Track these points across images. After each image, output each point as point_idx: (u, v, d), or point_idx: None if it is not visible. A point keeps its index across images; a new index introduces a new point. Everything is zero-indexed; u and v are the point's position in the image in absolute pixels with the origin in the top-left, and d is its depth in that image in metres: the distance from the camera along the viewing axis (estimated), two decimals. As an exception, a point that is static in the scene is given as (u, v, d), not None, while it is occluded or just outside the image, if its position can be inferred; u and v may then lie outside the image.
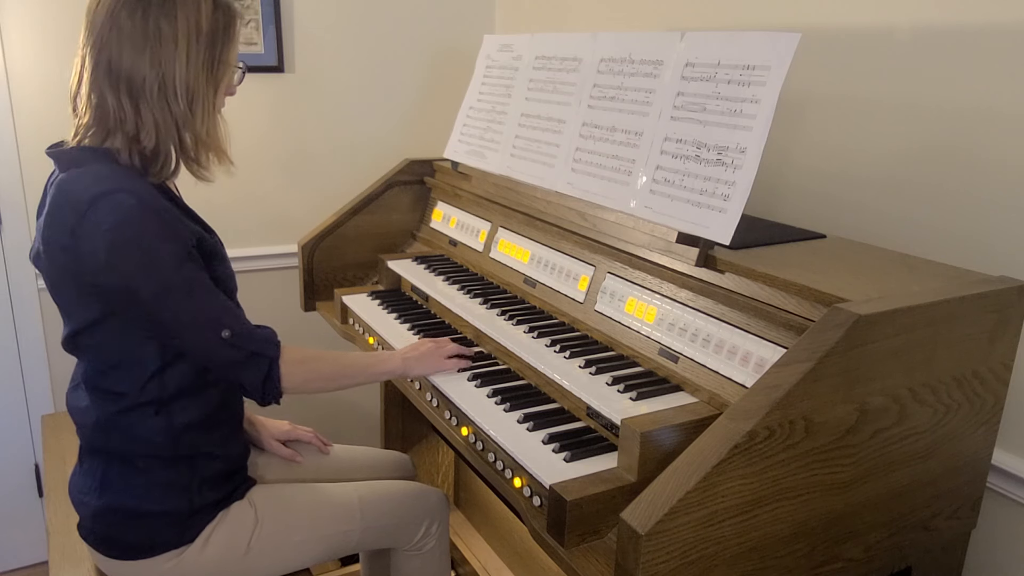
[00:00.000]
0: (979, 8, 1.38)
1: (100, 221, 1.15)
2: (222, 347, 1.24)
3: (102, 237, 1.15)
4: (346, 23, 2.50)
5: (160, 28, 1.20)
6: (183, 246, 1.21)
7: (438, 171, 2.12)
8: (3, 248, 2.23)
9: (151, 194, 1.21)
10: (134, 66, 1.20)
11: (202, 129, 1.27)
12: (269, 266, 2.55)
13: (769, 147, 1.24)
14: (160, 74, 1.21)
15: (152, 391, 1.28)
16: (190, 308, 1.21)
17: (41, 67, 2.17)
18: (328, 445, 1.68)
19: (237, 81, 1.35)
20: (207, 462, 1.35)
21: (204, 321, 1.22)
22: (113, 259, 1.16)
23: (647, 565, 0.91)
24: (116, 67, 1.21)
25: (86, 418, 1.32)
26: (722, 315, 1.27)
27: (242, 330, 1.26)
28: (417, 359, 1.45)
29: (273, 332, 1.32)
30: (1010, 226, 1.37)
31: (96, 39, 1.21)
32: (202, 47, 1.24)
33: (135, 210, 1.16)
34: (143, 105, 1.22)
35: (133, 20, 1.19)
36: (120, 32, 1.20)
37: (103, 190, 1.16)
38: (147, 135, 1.23)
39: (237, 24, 1.29)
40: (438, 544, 1.63)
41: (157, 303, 1.19)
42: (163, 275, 1.18)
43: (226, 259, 1.36)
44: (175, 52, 1.21)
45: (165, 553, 1.32)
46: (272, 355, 1.28)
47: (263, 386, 1.28)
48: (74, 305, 1.26)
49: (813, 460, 1.02)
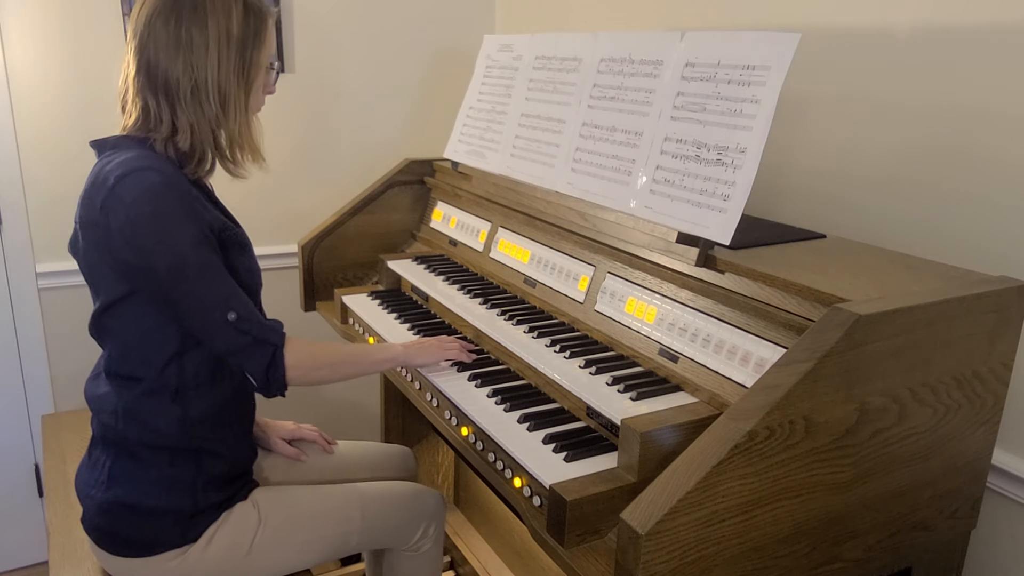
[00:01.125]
0: (979, 8, 1.38)
1: (125, 195, 1.20)
2: (228, 330, 1.26)
3: (125, 210, 1.19)
4: (346, 23, 2.50)
5: (192, 35, 1.26)
6: (201, 229, 1.24)
7: (438, 171, 2.12)
8: (3, 248, 2.23)
9: (178, 176, 1.26)
10: (169, 71, 1.26)
11: (235, 128, 1.33)
12: (269, 266, 2.54)
13: (769, 147, 1.24)
14: (193, 78, 1.27)
15: (170, 376, 1.31)
16: (200, 288, 1.24)
17: (41, 67, 2.17)
18: (332, 443, 1.69)
19: (273, 80, 1.40)
20: (213, 460, 1.36)
21: (212, 302, 1.25)
22: (134, 232, 1.20)
23: (647, 565, 0.91)
24: (153, 71, 1.27)
25: (104, 405, 1.34)
26: (722, 315, 1.27)
27: (249, 315, 1.28)
28: (419, 348, 1.49)
29: (280, 323, 1.35)
30: (1010, 226, 1.37)
31: (137, 44, 1.27)
32: (233, 52, 1.29)
33: (158, 187, 1.21)
34: (179, 108, 1.28)
35: (167, 28, 1.25)
36: (156, 39, 1.26)
37: (132, 167, 1.22)
38: (183, 136, 1.29)
39: (268, 27, 1.34)
40: (434, 546, 1.65)
41: (170, 280, 1.22)
42: (178, 252, 1.21)
43: (251, 252, 1.39)
44: (206, 57, 1.27)
45: (167, 552, 1.33)
46: (276, 343, 1.31)
47: (267, 373, 1.30)
48: (104, 281, 1.29)
49: (813, 460, 1.02)
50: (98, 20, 2.18)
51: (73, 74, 2.19)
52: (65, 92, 2.20)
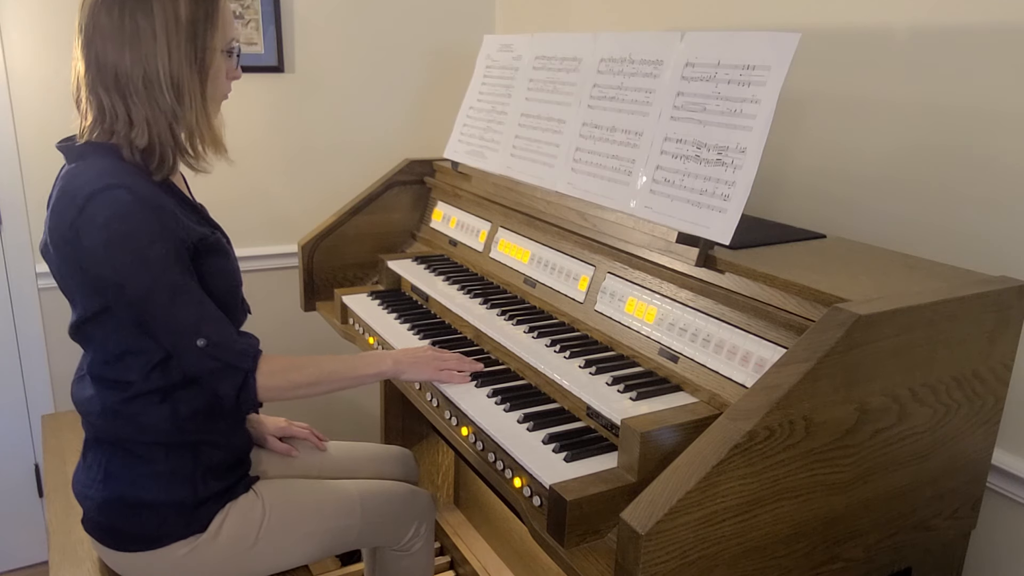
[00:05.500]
0: (979, 8, 1.38)
1: (96, 215, 1.16)
2: (197, 355, 1.23)
3: (98, 231, 1.17)
4: (346, 23, 2.50)
5: (138, 23, 1.20)
6: (175, 247, 1.21)
7: (438, 171, 2.12)
8: (3, 248, 2.23)
9: (150, 191, 1.22)
10: (118, 64, 1.21)
11: (192, 119, 1.27)
12: (269, 266, 2.56)
13: (769, 147, 1.24)
14: (144, 69, 1.21)
15: (157, 379, 1.29)
16: (170, 312, 1.21)
17: (41, 67, 2.17)
18: (324, 441, 1.69)
19: (235, 65, 1.33)
20: (210, 451, 1.36)
21: (181, 327, 1.22)
22: (107, 253, 1.17)
23: (647, 565, 0.91)
24: (103, 66, 1.22)
25: (91, 407, 1.33)
26: (722, 315, 1.27)
27: (220, 340, 1.25)
28: (411, 363, 1.43)
29: (253, 344, 1.31)
30: (1010, 226, 1.37)
31: (83, 39, 1.22)
32: (183, 38, 1.22)
33: (131, 206, 1.17)
34: (131, 102, 1.23)
35: (111, 18, 1.20)
36: (102, 31, 1.21)
37: (103, 185, 1.18)
38: (139, 132, 1.24)
39: (221, 7, 1.27)
40: (425, 545, 1.65)
41: (140, 301, 1.20)
42: (150, 274, 1.19)
43: (230, 254, 1.36)
44: (155, 46, 1.21)
45: (175, 543, 1.33)
46: (247, 367, 1.27)
47: (237, 397, 1.27)
48: (78, 295, 1.28)
49: (813, 460, 1.02)
50: (98, 20, 2.17)
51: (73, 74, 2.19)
52: (65, 92, 2.16)
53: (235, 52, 1.33)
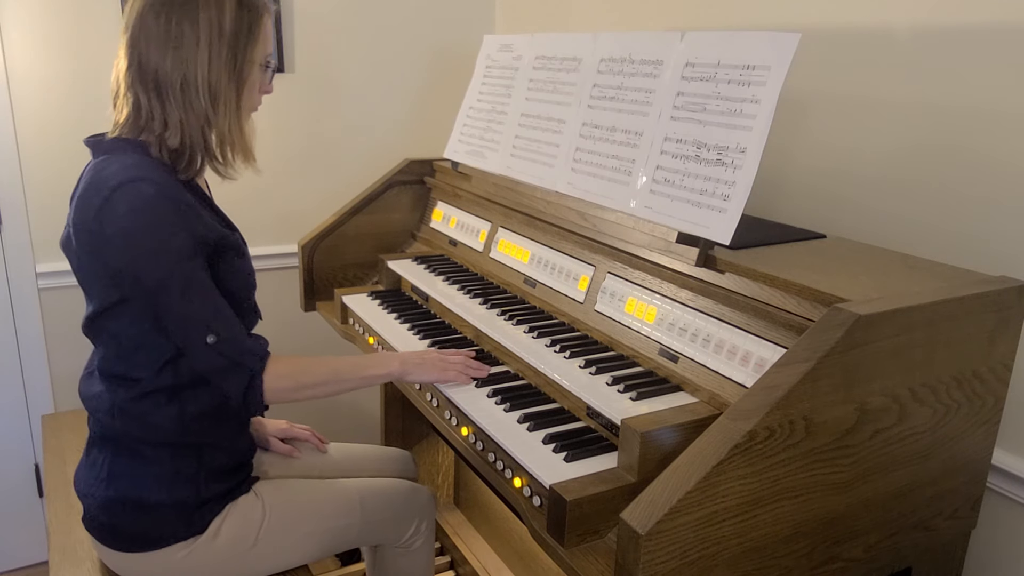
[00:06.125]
0: (979, 8, 1.38)
1: (119, 204, 1.19)
2: (206, 351, 1.25)
3: (119, 221, 1.19)
4: (346, 23, 2.50)
5: (183, 30, 1.24)
6: (193, 242, 1.23)
7: (438, 171, 2.12)
8: (3, 248, 2.23)
9: (173, 186, 1.25)
10: (160, 66, 1.25)
11: (225, 126, 1.30)
12: (269, 266, 2.55)
13: (769, 147, 1.24)
14: (183, 74, 1.25)
15: (166, 377, 1.30)
16: (183, 306, 1.22)
17: (41, 67, 2.16)
18: (325, 443, 1.69)
19: (269, 79, 1.37)
20: (214, 453, 1.36)
21: (194, 321, 1.24)
22: (125, 242, 1.20)
23: (647, 565, 0.91)
24: (145, 67, 1.25)
25: (99, 404, 1.34)
26: (722, 315, 1.27)
27: (229, 336, 1.26)
28: (418, 364, 1.43)
29: (263, 344, 1.32)
30: (1010, 226, 1.37)
31: (129, 39, 1.26)
32: (224, 47, 1.26)
33: (153, 199, 1.20)
34: (168, 104, 1.26)
35: (158, 22, 1.24)
36: (147, 33, 1.24)
37: (128, 177, 1.20)
38: (172, 133, 1.27)
39: (263, 23, 1.31)
40: (425, 542, 1.65)
41: (155, 293, 1.21)
42: (166, 265, 1.20)
43: (246, 256, 1.38)
44: (197, 52, 1.24)
45: (174, 544, 1.33)
46: (255, 367, 1.28)
47: (244, 396, 1.28)
48: (97, 287, 1.29)
49: (813, 460, 1.02)
50: (98, 20, 2.17)
51: (73, 74, 2.19)
52: (65, 92, 2.20)
53: (271, 67, 1.36)
